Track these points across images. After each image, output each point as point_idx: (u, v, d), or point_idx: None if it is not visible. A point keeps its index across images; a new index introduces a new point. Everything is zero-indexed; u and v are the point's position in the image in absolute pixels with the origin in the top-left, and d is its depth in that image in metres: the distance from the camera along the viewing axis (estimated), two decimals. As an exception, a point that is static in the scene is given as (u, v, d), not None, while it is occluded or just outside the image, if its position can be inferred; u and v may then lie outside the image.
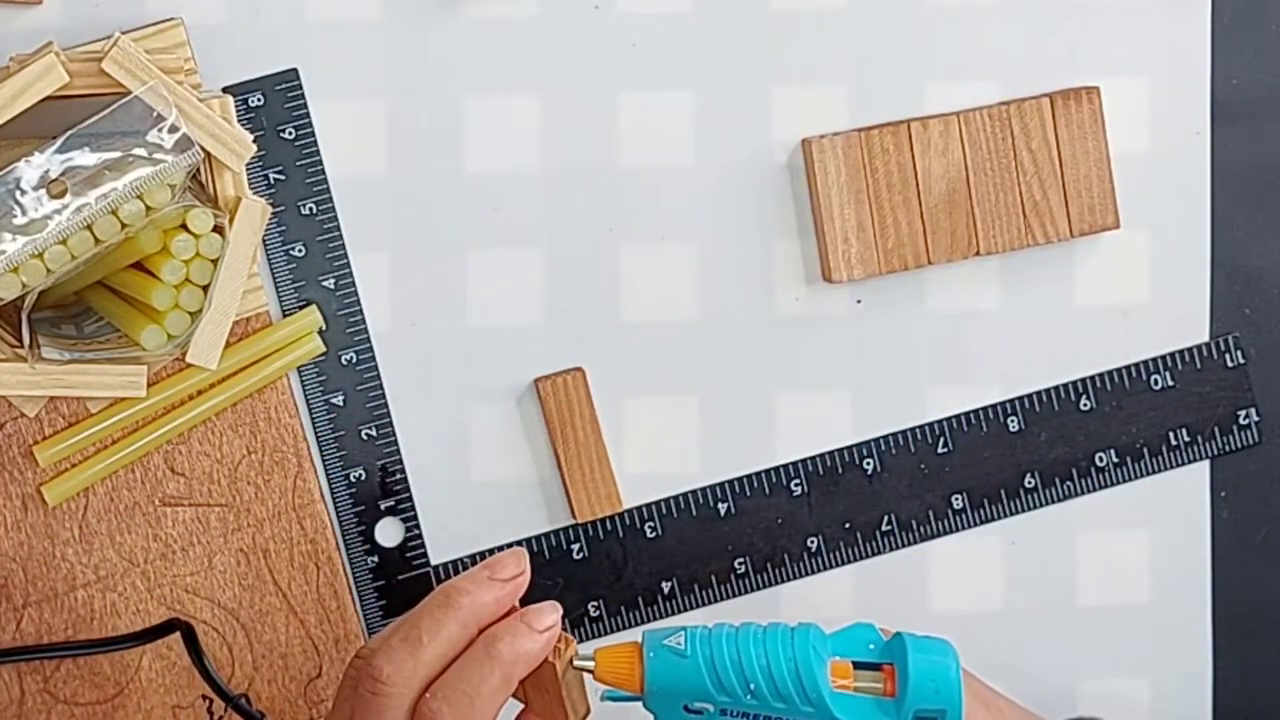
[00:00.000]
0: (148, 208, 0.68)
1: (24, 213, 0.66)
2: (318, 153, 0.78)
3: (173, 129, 0.68)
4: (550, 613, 0.67)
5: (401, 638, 0.66)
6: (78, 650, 0.77)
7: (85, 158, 0.67)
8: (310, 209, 0.78)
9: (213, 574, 0.78)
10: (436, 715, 0.65)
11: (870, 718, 0.67)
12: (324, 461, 0.79)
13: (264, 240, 0.77)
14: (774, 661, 0.67)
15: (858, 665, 0.68)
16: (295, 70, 0.77)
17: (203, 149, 0.69)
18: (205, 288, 0.69)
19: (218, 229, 0.69)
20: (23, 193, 0.67)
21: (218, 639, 0.78)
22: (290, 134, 0.77)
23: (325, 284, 0.78)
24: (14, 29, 0.75)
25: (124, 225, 0.68)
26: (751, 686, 0.67)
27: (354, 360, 0.79)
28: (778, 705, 0.67)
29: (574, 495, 0.80)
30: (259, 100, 0.77)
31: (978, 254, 0.79)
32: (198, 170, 0.70)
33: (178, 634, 0.77)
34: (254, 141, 0.71)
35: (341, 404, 0.79)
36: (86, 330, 0.73)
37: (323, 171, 0.78)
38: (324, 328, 0.78)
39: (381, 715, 0.65)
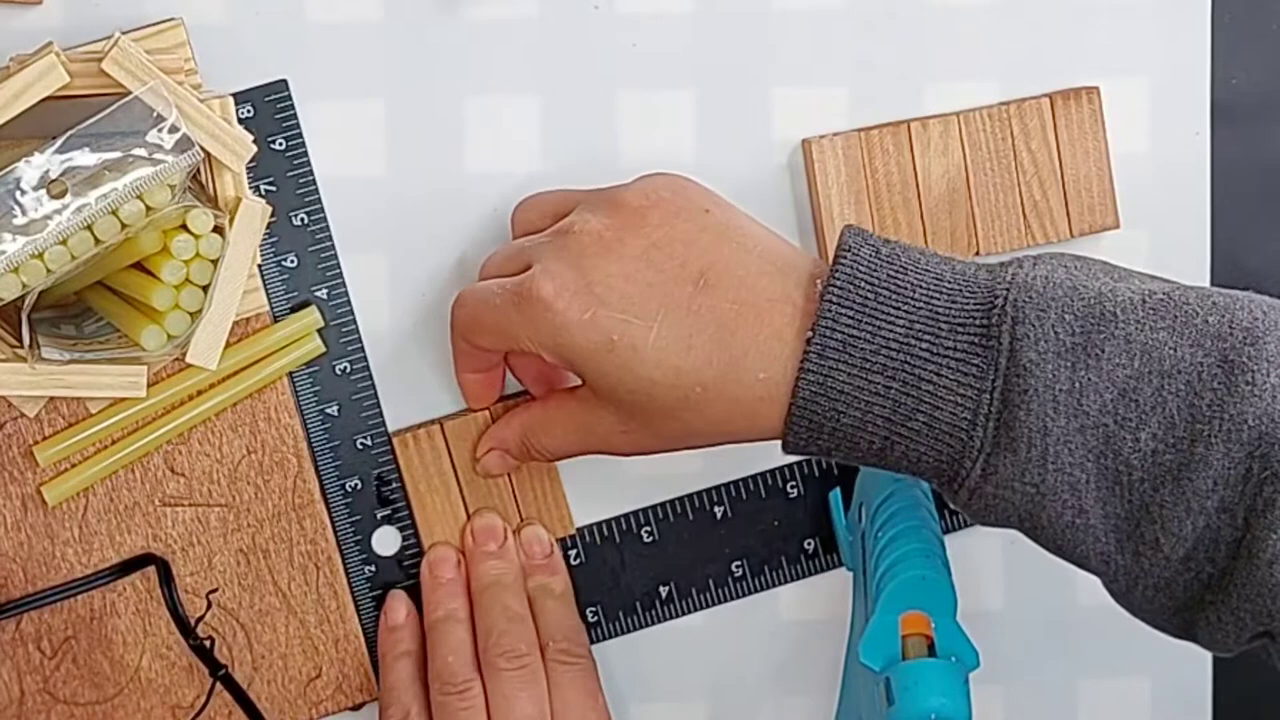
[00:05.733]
0: (148, 208, 0.67)
1: (24, 213, 0.66)
2: (309, 163, 0.77)
3: (173, 129, 0.68)
4: (492, 533, 0.79)
5: (451, 649, 0.76)
6: (53, 597, 0.76)
7: (85, 158, 0.67)
8: (302, 219, 0.78)
9: (212, 574, 0.78)
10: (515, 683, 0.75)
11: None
12: (320, 471, 0.78)
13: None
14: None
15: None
16: (285, 81, 0.77)
17: (203, 149, 0.69)
18: (205, 288, 0.69)
19: (218, 229, 0.69)
20: (23, 193, 0.66)
21: (218, 639, 0.78)
22: (281, 145, 0.77)
23: (318, 294, 0.78)
24: (14, 29, 0.75)
25: (124, 225, 0.67)
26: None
27: (348, 370, 0.78)
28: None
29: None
30: (248, 112, 0.76)
31: (978, 254, 0.79)
32: (198, 170, 0.70)
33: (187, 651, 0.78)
34: (245, 152, 0.71)
35: (336, 414, 0.78)
36: (86, 330, 0.73)
37: (314, 181, 0.77)
38: (323, 327, 0.78)
39: (472, 709, 0.74)
